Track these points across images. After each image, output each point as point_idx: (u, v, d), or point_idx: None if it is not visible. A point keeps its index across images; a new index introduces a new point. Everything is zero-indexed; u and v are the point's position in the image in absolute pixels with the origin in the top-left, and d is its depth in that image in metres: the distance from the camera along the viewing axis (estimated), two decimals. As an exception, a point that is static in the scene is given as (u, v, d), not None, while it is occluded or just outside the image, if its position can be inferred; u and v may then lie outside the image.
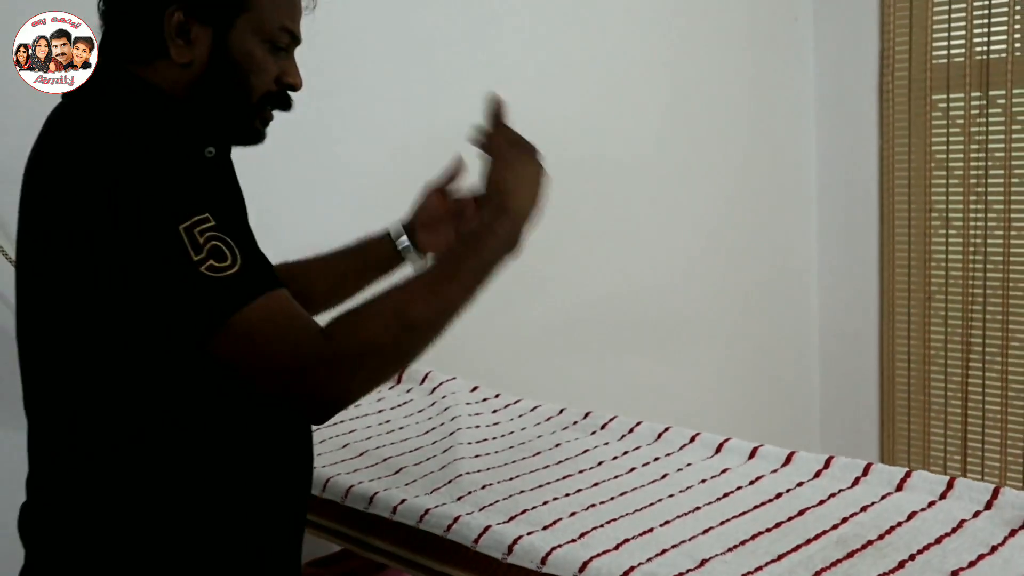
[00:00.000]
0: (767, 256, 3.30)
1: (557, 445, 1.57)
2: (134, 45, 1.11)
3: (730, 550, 1.14)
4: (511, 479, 1.42)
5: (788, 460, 1.41)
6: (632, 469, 1.43)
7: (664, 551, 1.14)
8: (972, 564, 1.06)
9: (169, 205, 0.97)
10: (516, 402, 1.80)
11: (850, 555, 1.10)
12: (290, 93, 1.20)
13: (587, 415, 1.68)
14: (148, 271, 0.97)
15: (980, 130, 3.10)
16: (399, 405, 1.86)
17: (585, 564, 1.12)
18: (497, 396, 1.85)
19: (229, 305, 0.96)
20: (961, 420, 3.27)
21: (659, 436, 1.56)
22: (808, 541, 1.15)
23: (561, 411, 1.72)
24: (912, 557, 1.09)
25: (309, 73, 1.22)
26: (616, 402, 1.94)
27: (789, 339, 3.44)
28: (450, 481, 1.42)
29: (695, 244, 3.01)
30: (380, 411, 1.83)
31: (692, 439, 1.53)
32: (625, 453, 1.51)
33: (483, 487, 1.39)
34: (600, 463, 1.47)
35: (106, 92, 1.09)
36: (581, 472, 1.44)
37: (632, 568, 1.10)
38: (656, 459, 1.47)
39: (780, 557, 1.11)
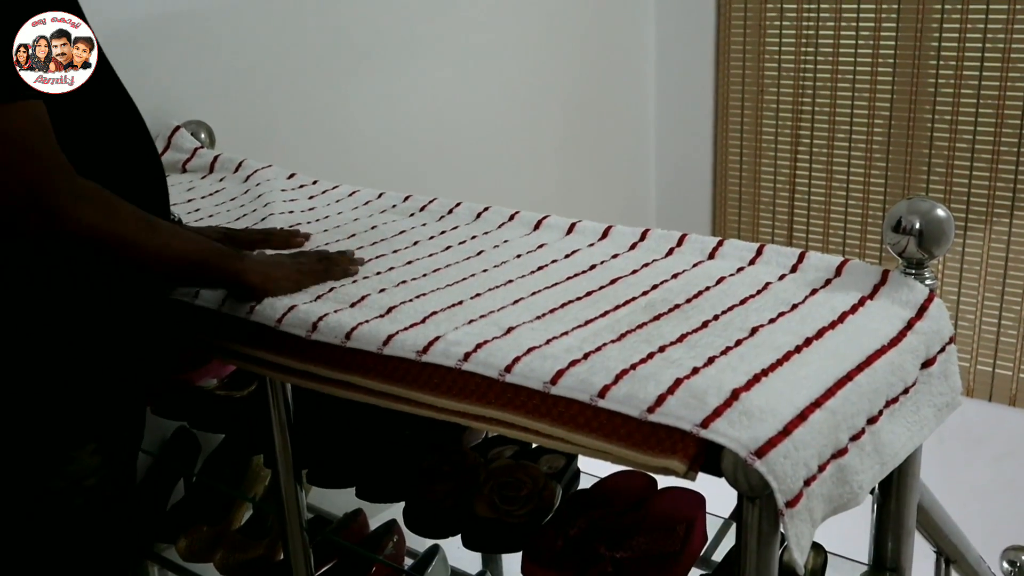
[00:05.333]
0: (602, 48, 3.23)
1: (373, 227, 1.51)
2: None
3: (538, 318, 1.12)
4: (322, 260, 1.36)
5: (605, 234, 1.39)
6: (448, 247, 1.39)
7: (471, 321, 1.11)
8: (772, 321, 1.07)
9: None
10: (334, 188, 1.73)
11: (656, 318, 1.10)
12: None
13: (407, 198, 1.62)
14: None
15: (817, -84, 3.06)
16: (210, 194, 1.75)
17: (390, 337, 1.09)
18: (315, 182, 1.76)
19: None
20: (788, 210, 3.37)
21: (478, 216, 1.51)
22: (616, 307, 1.14)
23: (380, 195, 1.65)
24: (716, 317, 1.09)
25: None
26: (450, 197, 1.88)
27: (627, 132, 3.43)
28: (257, 264, 1.35)
29: (529, 38, 2.91)
30: (190, 200, 1.72)
31: (511, 217, 1.49)
32: (443, 233, 1.46)
33: (291, 269, 1.33)
34: (416, 243, 1.42)
35: None
36: (395, 252, 1.39)
37: (437, 338, 1.07)
38: (473, 237, 1.43)
39: (587, 323, 1.10)
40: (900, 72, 3.04)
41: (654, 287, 1.19)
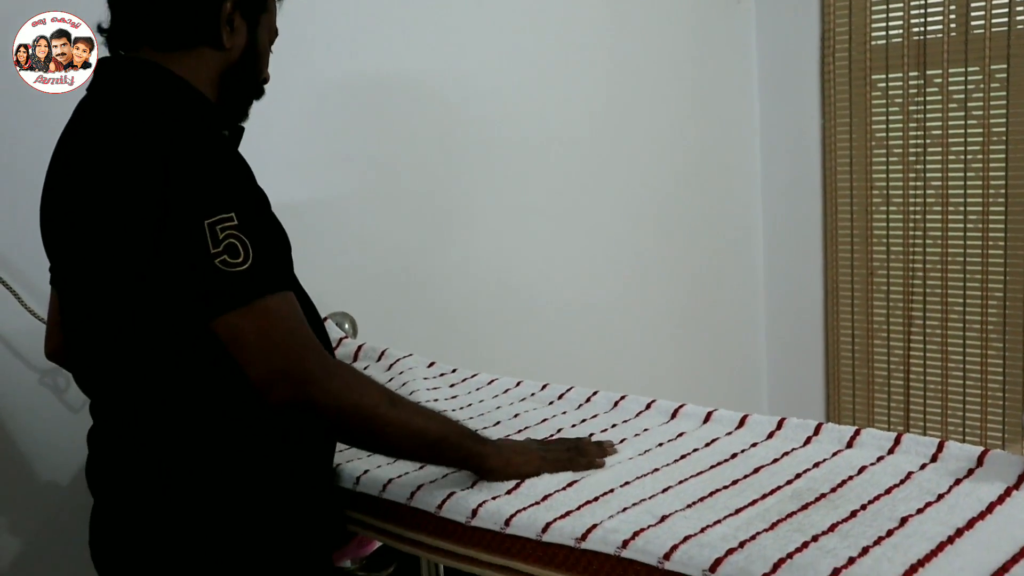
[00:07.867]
0: (713, 235, 3.35)
1: (516, 415, 1.59)
2: (177, 32, 1.22)
3: (689, 506, 1.17)
4: (472, 448, 1.44)
5: (742, 423, 1.45)
6: (591, 435, 1.46)
7: (625, 509, 1.17)
8: (920, 511, 1.10)
9: (200, 200, 1.10)
10: (473, 376, 1.82)
11: (805, 507, 1.14)
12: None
13: (544, 387, 1.70)
14: (172, 256, 1.11)
15: (918, 109, 3.18)
16: (357, 382, 1.86)
17: (548, 525, 1.15)
18: (454, 371, 1.86)
19: (235, 298, 1.11)
20: (903, 392, 3.36)
21: (616, 404, 1.59)
22: (764, 496, 1.18)
23: (518, 383, 1.74)
24: (864, 507, 1.13)
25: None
26: (572, 378, 1.97)
27: (737, 316, 3.50)
28: (412, 452, 1.43)
29: (642, 225, 3.04)
30: (338, 388, 1.83)
31: (648, 406, 1.56)
32: (583, 421, 1.54)
33: (445, 456, 1.40)
34: (559, 430, 1.49)
35: (135, 85, 1.19)
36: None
37: (595, 526, 1.12)
38: (613, 425, 1.50)
39: (738, 511, 1.14)
40: (1012, 256, 3.07)
41: (798, 476, 1.24)
